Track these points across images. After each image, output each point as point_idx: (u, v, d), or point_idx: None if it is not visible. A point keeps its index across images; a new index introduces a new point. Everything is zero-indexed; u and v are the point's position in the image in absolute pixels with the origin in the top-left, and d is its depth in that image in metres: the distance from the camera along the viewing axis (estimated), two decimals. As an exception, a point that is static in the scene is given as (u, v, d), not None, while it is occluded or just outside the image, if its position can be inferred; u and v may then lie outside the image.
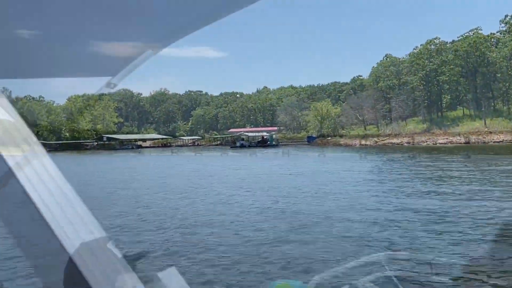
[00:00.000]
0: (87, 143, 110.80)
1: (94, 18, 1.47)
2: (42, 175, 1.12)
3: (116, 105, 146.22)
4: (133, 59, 1.57)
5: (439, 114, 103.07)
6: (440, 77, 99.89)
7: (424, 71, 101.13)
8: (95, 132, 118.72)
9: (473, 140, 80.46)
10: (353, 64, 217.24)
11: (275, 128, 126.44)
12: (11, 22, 1.34)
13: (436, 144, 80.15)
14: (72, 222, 1.18)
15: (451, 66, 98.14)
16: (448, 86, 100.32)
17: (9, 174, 1.23)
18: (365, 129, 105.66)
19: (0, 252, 12.78)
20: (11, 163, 1.23)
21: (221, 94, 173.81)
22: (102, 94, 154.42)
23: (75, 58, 1.65)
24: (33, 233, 1.30)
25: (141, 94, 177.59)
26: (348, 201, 17.91)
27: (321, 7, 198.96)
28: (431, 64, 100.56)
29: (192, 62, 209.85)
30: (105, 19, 1.49)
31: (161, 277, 1.18)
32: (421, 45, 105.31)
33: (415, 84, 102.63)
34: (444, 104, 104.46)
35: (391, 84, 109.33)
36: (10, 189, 1.26)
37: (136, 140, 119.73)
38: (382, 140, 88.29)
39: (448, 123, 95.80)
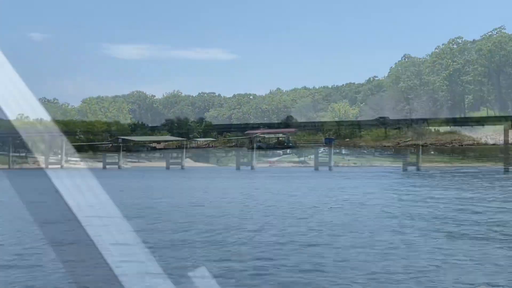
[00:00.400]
0: (102, 145, 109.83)
1: None
2: (76, 179, 1.17)
3: (130, 106, 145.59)
4: None
5: (462, 115, 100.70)
6: (464, 77, 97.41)
7: (447, 71, 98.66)
8: (109, 134, 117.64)
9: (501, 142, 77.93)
10: (367, 65, 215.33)
11: (293, 129, 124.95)
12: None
13: (462, 145, 77.84)
14: (106, 225, 1.17)
15: (475, 66, 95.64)
16: (472, 87, 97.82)
17: (46, 177, 1.23)
18: (385, 130, 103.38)
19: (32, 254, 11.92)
20: (45, 165, 1.14)
21: (234, 96, 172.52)
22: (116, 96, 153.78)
23: None
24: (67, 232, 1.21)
25: (154, 96, 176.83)
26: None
27: (330, 7, 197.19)
28: (454, 63, 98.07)
29: (204, 64, 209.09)
30: None
31: (192, 278, 1.23)
32: (443, 44, 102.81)
33: (437, 84, 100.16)
34: (467, 105, 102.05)
35: (412, 85, 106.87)
36: (44, 186, 1.24)
37: (150, 141, 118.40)
38: (405, 142, 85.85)
39: (473, 123, 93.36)
